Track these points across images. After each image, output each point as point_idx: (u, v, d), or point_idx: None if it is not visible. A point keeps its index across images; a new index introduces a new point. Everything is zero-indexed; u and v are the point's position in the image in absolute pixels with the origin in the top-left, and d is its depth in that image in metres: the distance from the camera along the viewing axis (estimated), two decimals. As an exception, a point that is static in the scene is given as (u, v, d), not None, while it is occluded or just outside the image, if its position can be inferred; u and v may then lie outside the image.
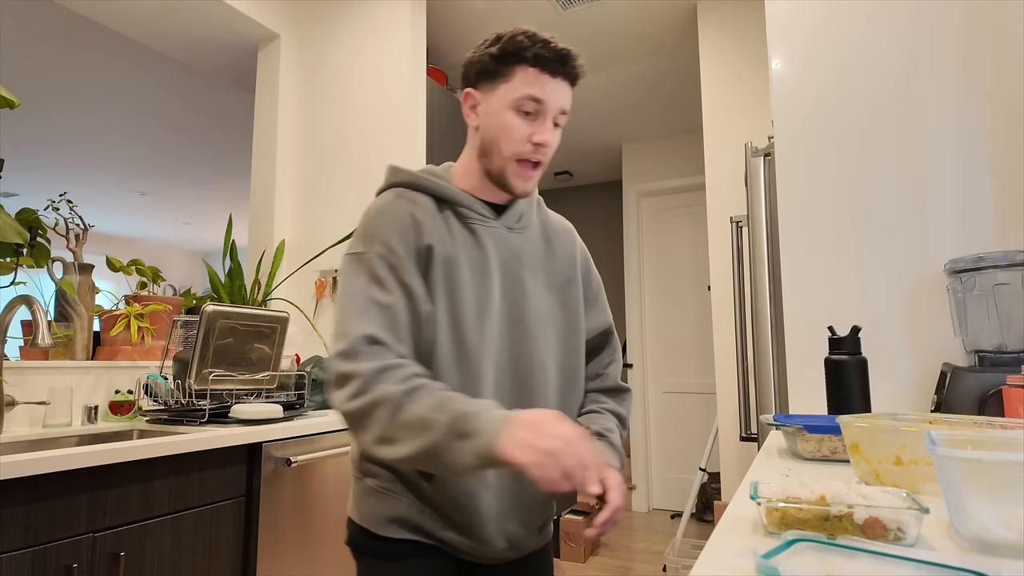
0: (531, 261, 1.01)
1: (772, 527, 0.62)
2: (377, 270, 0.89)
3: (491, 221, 0.98)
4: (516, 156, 0.93)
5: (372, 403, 0.79)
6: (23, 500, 1.18)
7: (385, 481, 0.95)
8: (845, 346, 1.30)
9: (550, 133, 0.93)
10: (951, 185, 1.52)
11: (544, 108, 0.92)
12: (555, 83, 0.92)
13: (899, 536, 0.57)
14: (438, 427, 0.75)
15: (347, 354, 0.83)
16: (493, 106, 0.94)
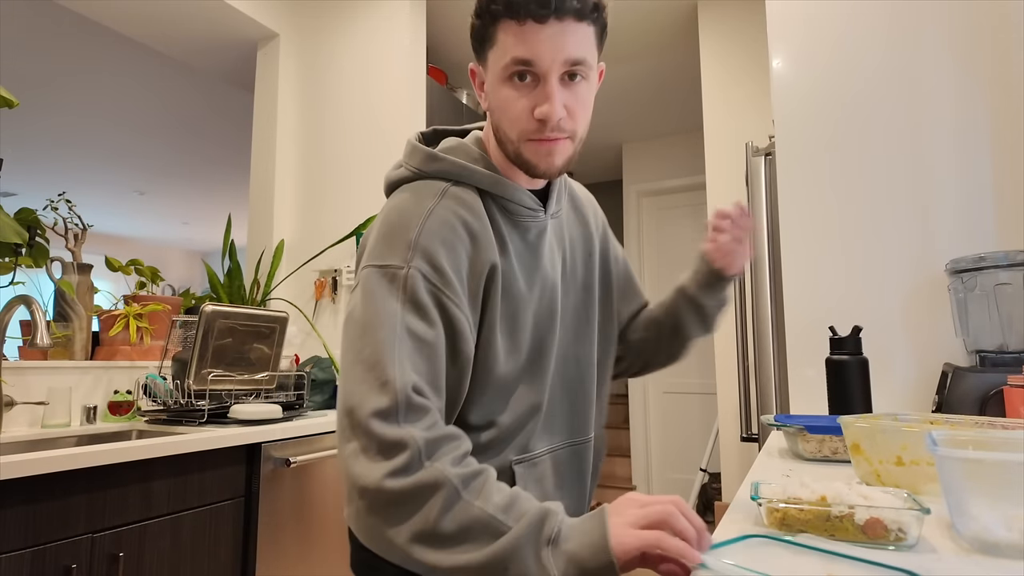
0: (571, 249, 0.89)
1: (773, 527, 0.62)
2: (419, 293, 0.67)
3: (539, 214, 0.81)
4: (524, 136, 0.73)
5: (423, 486, 0.58)
6: (22, 500, 1.18)
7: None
8: (846, 346, 1.30)
9: (555, 99, 0.71)
10: (952, 185, 1.52)
11: (538, 68, 0.70)
12: (548, 30, 0.69)
13: (900, 537, 0.56)
14: (514, 534, 0.56)
15: (390, 414, 0.61)
16: (490, 81, 0.75)
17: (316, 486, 1.86)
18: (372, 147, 2.59)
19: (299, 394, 2.15)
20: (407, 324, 0.66)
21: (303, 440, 1.83)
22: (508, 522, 0.57)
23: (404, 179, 0.80)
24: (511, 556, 0.56)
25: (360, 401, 0.63)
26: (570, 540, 0.56)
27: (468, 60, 3.49)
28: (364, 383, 0.63)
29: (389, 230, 0.72)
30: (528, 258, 0.79)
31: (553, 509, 0.59)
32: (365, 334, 0.66)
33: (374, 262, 0.70)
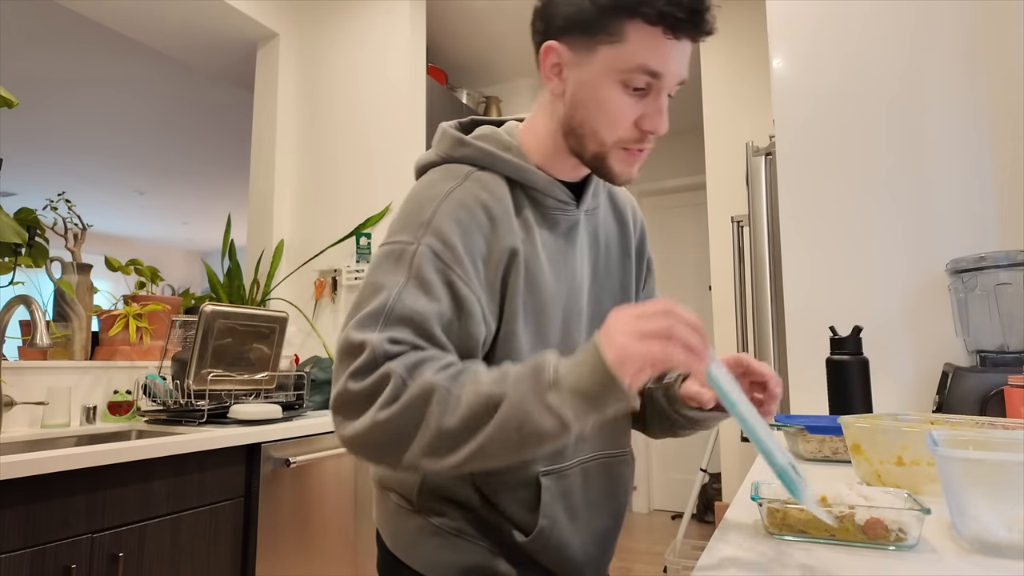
0: (606, 246, 0.84)
1: (773, 528, 0.62)
2: (425, 269, 0.65)
3: (572, 208, 0.78)
4: (620, 141, 0.70)
5: (412, 401, 0.58)
6: (22, 500, 1.18)
7: (457, 520, 0.75)
8: (847, 346, 1.30)
9: (663, 116, 0.69)
10: (953, 184, 1.52)
11: (661, 83, 0.68)
12: (679, 47, 0.67)
13: (900, 537, 0.56)
14: (513, 396, 0.56)
15: (364, 369, 0.60)
16: (590, 74, 0.69)
17: (316, 486, 1.86)
18: (372, 147, 2.59)
19: (299, 394, 2.15)
20: (403, 298, 0.64)
21: (303, 440, 1.83)
22: (503, 390, 0.57)
23: (431, 163, 0.78)
24: (518, 416, 0.55)
25: (336, 370, 0.63)
26: (570, 375, 0.56)
27: (468, 60, 3.46)
28: (343, 351, 0.63)
29: (406, 211, 0.71)
30: (557, 253, 0.76)
31: (544, 357, 0.58)
32: (359, 302, 0.66)
33: (388, 239, 0.70)
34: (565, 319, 0.77)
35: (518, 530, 0.74)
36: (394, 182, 2.52)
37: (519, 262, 0.71)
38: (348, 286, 2.55)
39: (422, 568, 0.75)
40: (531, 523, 0.74)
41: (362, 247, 2.52)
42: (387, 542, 0.79)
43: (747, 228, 2.23)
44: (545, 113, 0.76)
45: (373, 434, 0.59)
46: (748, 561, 0.55)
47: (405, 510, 0.78)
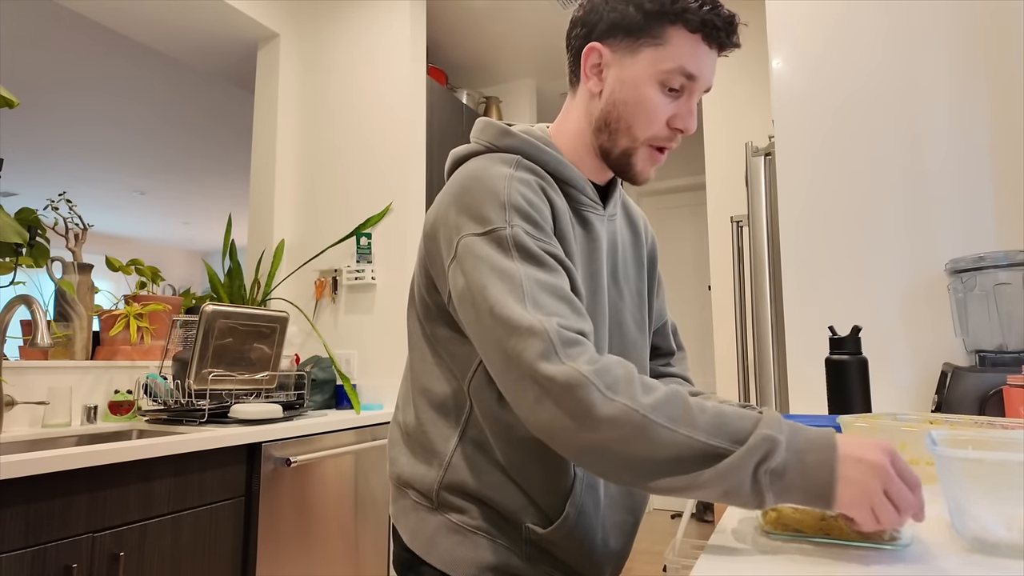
0: (623, 253, 0.87)
1: (768, 527, 0.62)
2: (529, 247, 0.67)
3: (598, 209, 0.81)
4: (651, 139, 0.76)
5: (618, 422, 0.58)
6: (22, 500, 1.18)
7: (476, 518, 0.76)
8: (846, 346, 1.30)
9: (694, 117, 0.76)
10: (952, 184, 1.52)
11: (695, 86, 0.74)
12: (712, 56, 0.74)
13: (894, 536, 0.56)
14: (733, 463, 0.56)
15: (549, 353, 0.60)
16: (632, 74, 0.74)
17: (316, 486, 1.86)
18: (372, 147, 2.59)
19: (299, 394, 2.15)
20: (528, 275, 0.65)
21: (303, 440, 1.83)
22: (723, 446, 0.57)
23: (474, 152, 0.80)
24: (729, 482, 0.56)
25: (517, 358, 0.61)
26: (794, 475, 0.56)
27: (468, 60, 3.46)
28: (512, 340, 0.61)
29: (474, 197, 0.71)
30: (586, 249, 0.78)
31: (772, 433, 0.57)
32: (489, 298, 0.64)
33: (471, 231, 0.69)
34: (592, 313, 0.78)
35: (541, 520, 0.75)
36: (394, 182, 2.52)
37: (565, 249, 0.74)
38: (348, 286, 2.55)
39: (442, 565, 0.75)
40: (557, 510, 0.74)
41: (362, 247, 2.52)
42: (405, 539, 0.80)
43: (746, 228, 2.24)
44: (577, 112, 0.80)
45: (631, 418, 0.58)
46: (748, 561, 0.55)
47: (424, 507, 0.78)
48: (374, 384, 2.42)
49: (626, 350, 0.84)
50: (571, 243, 0.75)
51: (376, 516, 2.11)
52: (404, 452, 0.83)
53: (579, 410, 0.58)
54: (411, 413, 0.83)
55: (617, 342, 0.84)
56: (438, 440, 0.79)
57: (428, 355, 0.81)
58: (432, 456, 0.79)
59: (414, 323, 0.83)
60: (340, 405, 2.36)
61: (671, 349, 1.01)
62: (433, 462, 0.78)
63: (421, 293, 0.80)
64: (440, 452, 0.78)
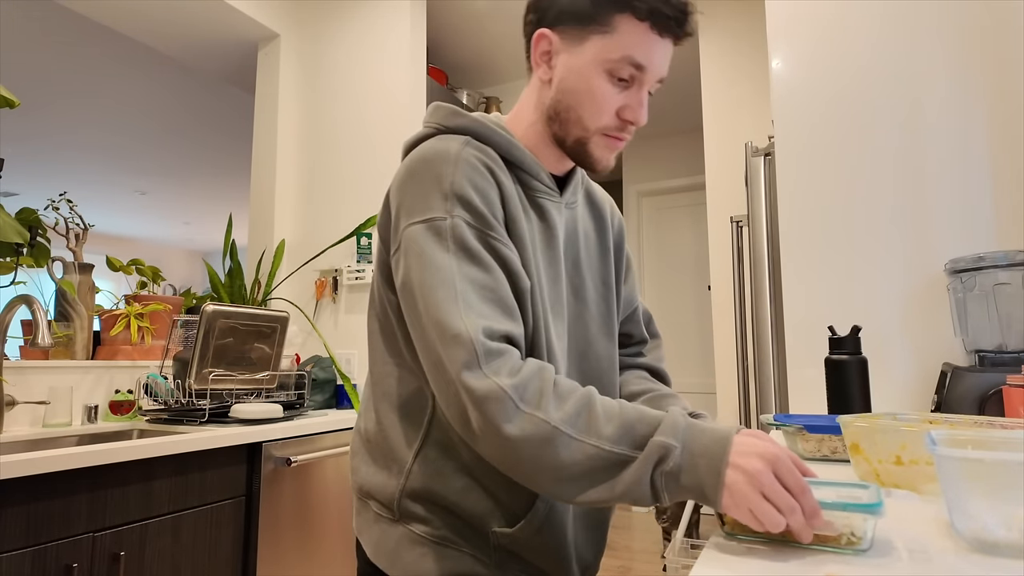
0: (585, 239, 0.85)
1: (729, 528, 0.61)
2: (467, 240, 0.67)
3: (554, 196, 0.80)
4: (602, 129, 0.74)
5: (530, 437, 0.60)
6: (23, 500, 1.18)
7: (440, 528, 0.74)
8: (845, 346, 1.30)
9: (644, 109, 0.74)
10: (951, 184, 1.52)
11: (645, 76, 0.72)
12: (663, 45, 0.72)
13: (852, 541, 0.56)
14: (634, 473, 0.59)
15: (472, 364, 0.61)
16: (579, 62, 0.73)
17: (317, 485, 1.86)
18: (372, 147, 2.59)
19: (300, 393, 2.15)
20: (463, 274, 0.66)
21: (304, 439, 1.83)
22: (626, 454, 0.60)
23: (425, 136, 0.78)
24: (627, 485, 0.59)
25: (445, 364, 0.63)
26: (685, 476, 0.59)
27: (468, 60, 3.46)
28: (440, 345, 0.63)
29: (418, 182, 0.70)
30: (542, 236, 0.77)
31: (669, 440, 0.59)
32: (425, 296, 0.65)
33: (415, 218, 0.69)
34: (551, 297, 0.77)
35: (509, 520, 0.73)
36: (394, 182, 2.52)
37: (512, 233, 0.73)
38: (349, 286, 2.55)
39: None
40: (526, 506, 0.73)
41: (363, 247, 2.52)
42: (368, 552, 0.78)
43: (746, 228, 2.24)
44: (530, 102, 0.79)
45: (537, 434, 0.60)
46: (748, 562, 0.55)
47: (385, 519, 0.76)
48: (374, 384, 2.41)
49: (589, 341, 0.83)
50: (522, 226, 0.74)
51: (376, 516, 2.11)
52: (365, 460, 0.80)
53: (496, 423, 0.60)
54: (372, 418, 0.80)
55: (579, 333, 0.82)
56: (399, 445, 0.77)
57: (387, 356, 0.79)
58: (392, 462, 0.77)
59: (373, 324, 0.82)
60: (340, 405, 2.37)
61: (643, 337, 0.98)
62: (393, 468, 0.76)
63: (380, 290, 0.79)
64: (401, 458, 0.76)
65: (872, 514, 0.54)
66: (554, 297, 0.77)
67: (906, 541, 0.59)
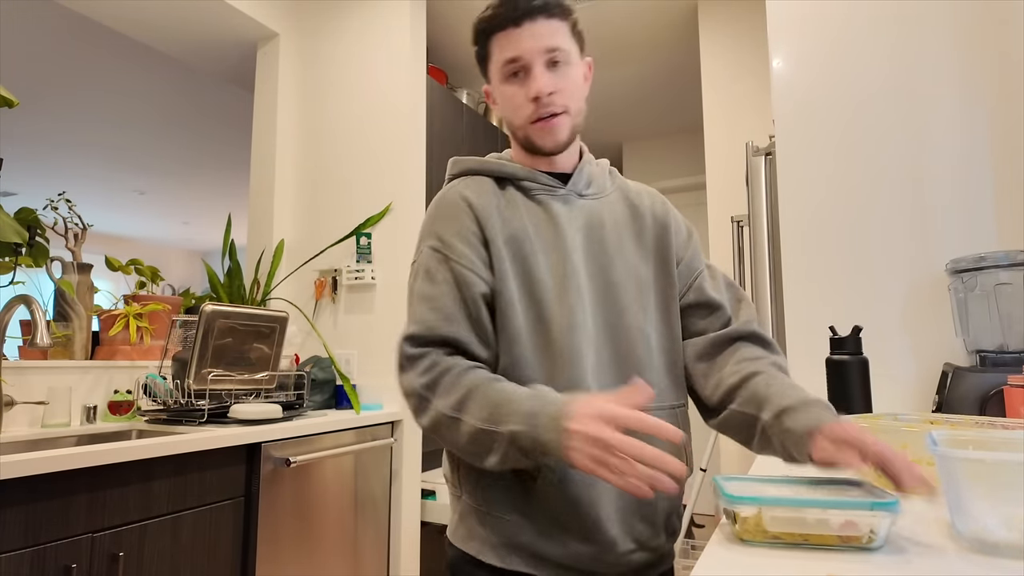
0: (614, 226, 0.92)
1: (746, 535, 0.60)
2: (429, 265, 0.86)
3: (559, 189, 0.92)
4: (527, 120, 0.88)
5: (434, 424, 0.79)
6: (22, 500, 1.18)
7: (482, 502, 0.84)
8: (846, 346, 1.30)
9: (542, 80, 0.86)
10: (952, 184, 1.52)
11: (524, 62, 0.87)
12: (524, 30, 0.86)
13: (871, 538, 0.56)
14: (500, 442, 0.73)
15: (400, 365, 0.83)
16: (495, 87, 0.92)
17: (316, 486, 1.86)
18: (372, 147, 2.59)
19: (299, 394, 2.15)
20: (418, 292, 0.86)
21: (303, 440, 1.83)
22: (495, 428, 0.74)
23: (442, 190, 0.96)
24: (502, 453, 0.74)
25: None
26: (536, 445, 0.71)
27: (468, 60, 3.48)
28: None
29: (421, 229, 0.93)
30: (547, 225, 0.89)
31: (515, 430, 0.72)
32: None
33: (413, 258, 0.91)
34: (558, 277, 0.86)
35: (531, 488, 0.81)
36: (394, 182, 2.52)
37: (496, 235, 0.86)
38: (348, 286, 2.55)
39: (465, 547, 0.86)
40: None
41: (362, 247, 2.52)
42: (450, 536, 0.91)
43: (747, 228, 2.23)
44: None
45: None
46: (748, 562, 0.55)
47: (454, 496, 0.90)
48: (374, 384, 2.41)
49: (620, 312, 0.88)
50: (523, 221, 0.88)
51: (376, 516, 2.11)
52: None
53: (414, 414, 0.81)
54: None
55: (608, 305, 0.88)
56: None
57: None
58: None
59: None
60: (340, 405, 2.36)
61: (716, 302, 0.96)
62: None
63: None
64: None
65: (891, 512, 0.55)
66: (562, 273, 0.86)
67: (907, 541, 0.58)
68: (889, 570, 0.51)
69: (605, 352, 0.85)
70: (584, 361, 0.83)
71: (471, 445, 0.75)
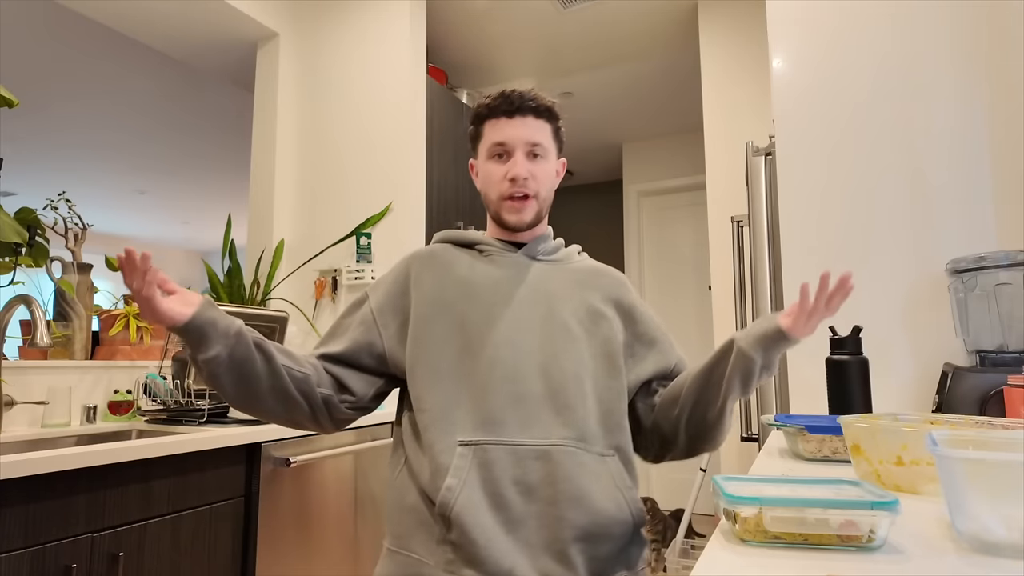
0: (560, 286, 1.02)
1: (746, 536, 0.59)
2: (353, 304, 1.07)
3: (511, 252, 1.05)
4: (501, 196, 1.01)
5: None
6: (22, 500, 1.18)
7: (394, 539, 0.94)
8: (846, 346, 1.30)
9: (521, 166, 1.00)
10: (952, 184, 1.52)
11: (509, 147, 1.01)
12: (516, 123, 1.01)
13: (871, 538, 0.56)
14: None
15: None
16: (480, 163, 1.06)
17: (316, 486, 1.86)
18: (372, 147, 2.59)
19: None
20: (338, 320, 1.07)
21: (303, 440, 1.83)
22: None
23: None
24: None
25: None
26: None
27: (468, 60, 3.47)
28: None
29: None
30: (493, 275, 1.00)
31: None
32: None
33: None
34: (493, 317, 0.95)
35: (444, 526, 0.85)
36: (394, 182, 2.52)
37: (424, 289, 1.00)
38: (348, 286, 2.55)
39: None
40: (439, 487, 0.86)
41: (362, 247, 2.52)
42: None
43: (747, 228, 2.23)
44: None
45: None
46: (748, 562, 0.55)
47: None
48: (374, 384, 2.41)
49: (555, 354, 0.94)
50: (466, 272, 1.01)
51: (375, 516, 2.11)
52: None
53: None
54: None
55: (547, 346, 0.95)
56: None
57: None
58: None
59: None
60: (340, 405, 2.36)
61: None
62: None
63: None
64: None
65: (891, 512, 0.55)
66: (502, 300, 0.97)
67: (907, 541, 0.58)
68: (889, 570, 0.51)
69: (538, 386, 0.91)
70: (509, 390, 0.90)
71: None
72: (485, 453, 0.86)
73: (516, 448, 0.87)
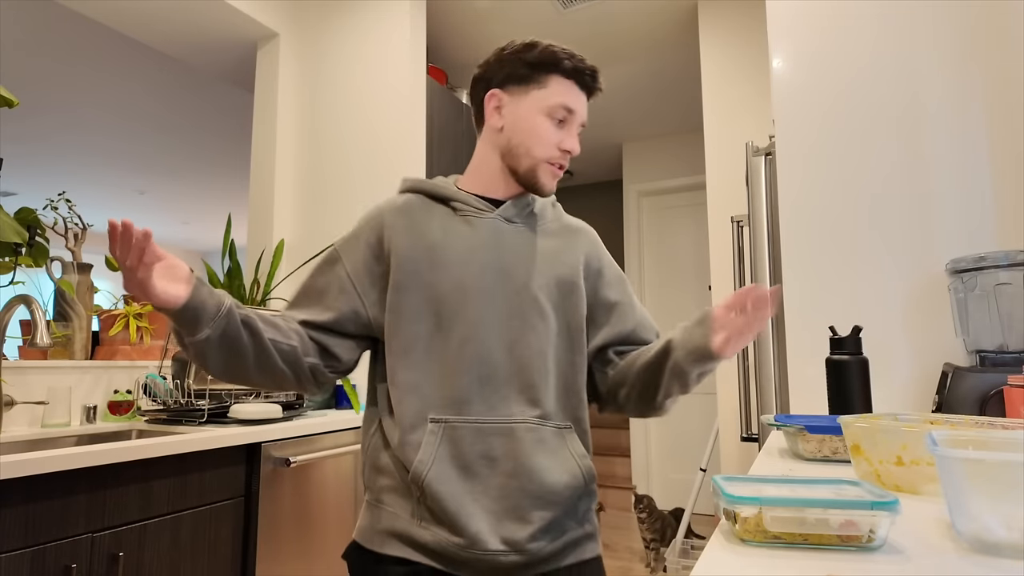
0: (533, 255, 1.00)
1: (746, 536, 0.59)
2: (327, 255, 1.03)
3: (486, 213, 1.01)
4: (547, 160, 0.98)
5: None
6: (22, 500, 1.18)
7: (374, 493, 0.97)
8: (846, 346, 1.30)
9: (576, 140, 0.99)
10: (952, 184, 1.52)
11: (574, 118, 0.99)
12: (583, 98, 1.00)
13: (871, 538, 0.56)
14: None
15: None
16: (523, 109, 0.98)
17: (316, 486, 1.86)
18: (372, 147, 2.59)
19: (299, 394, 2.15)
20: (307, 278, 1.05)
21: (303, 440, 1.83)
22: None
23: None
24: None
25: None
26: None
27: (469, 60, 3.46)
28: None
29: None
30: (467, 240, 0.97)
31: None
32: None
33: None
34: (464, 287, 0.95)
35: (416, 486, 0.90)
36: (394, 182, 2.52)
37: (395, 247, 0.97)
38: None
39: (356, 535, 0.97)
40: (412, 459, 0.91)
41: (362, 247, 2.51)
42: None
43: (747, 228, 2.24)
44: (484, 147, 1.04)
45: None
46: (748, 562, 0.55)
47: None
48: (374, 384, 2.41)
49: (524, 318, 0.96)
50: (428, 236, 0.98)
51: (376, 516, 2.11)
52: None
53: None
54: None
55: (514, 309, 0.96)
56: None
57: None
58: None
59: None
60: (340, 405, 2.36)
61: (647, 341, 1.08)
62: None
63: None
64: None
65: (891, 512, 0.55)
66: (473, 274, 0.96)
67: (907, 541, 0.58)
68: (889, 570, 0.51)
69: (504, 361, 0.93)
70: (477, 371, 0.92)
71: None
72: (454, 431, 0.91)
73: (482, 427, 0.92)
